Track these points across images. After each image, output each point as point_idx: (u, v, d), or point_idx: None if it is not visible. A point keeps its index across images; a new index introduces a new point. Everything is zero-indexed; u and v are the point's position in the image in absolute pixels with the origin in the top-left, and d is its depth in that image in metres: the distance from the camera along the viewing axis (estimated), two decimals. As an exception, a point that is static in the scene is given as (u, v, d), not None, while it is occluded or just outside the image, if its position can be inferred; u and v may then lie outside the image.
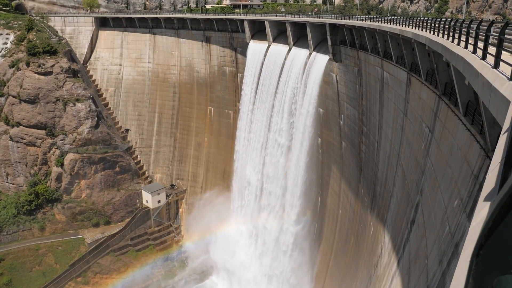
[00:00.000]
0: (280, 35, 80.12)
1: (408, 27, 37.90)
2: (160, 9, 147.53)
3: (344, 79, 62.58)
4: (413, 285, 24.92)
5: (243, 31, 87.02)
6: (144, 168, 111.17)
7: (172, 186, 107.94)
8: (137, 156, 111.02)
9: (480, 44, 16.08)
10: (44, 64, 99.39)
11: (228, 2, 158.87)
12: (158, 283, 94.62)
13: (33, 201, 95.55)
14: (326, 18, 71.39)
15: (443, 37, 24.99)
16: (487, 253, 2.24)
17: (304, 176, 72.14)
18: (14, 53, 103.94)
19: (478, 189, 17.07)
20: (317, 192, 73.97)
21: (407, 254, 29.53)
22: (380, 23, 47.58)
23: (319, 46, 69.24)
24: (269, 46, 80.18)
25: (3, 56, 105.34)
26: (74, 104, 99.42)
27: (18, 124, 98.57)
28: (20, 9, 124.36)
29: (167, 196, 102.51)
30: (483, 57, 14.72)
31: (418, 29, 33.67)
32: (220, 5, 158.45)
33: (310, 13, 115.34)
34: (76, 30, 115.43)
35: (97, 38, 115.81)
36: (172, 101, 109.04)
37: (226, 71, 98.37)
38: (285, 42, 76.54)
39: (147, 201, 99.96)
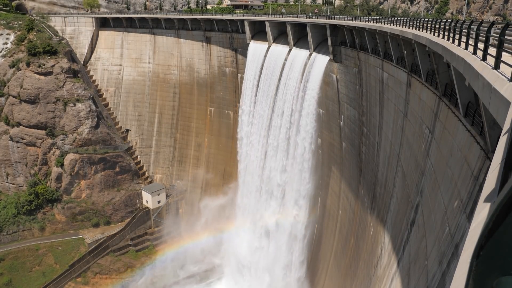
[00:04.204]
0: (280, 35, 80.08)
1: (409, 28, 37.89)
2: (161, 9, 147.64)
3: (345, 80, 62.56)
4: (413, 286, 24.91)
5: (244, 32, 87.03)
6: (144, 168, 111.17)
7: (172, 186, 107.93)
8: (137, 156, 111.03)
9: (481, 45, 16.06)
10: (44, 64, 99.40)
11: (229, 3, 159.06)
12: (158, 283, 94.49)
13: (33, 201, 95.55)
14: (326, 19, 71.40)
15: (443, 38, 24.99)
16: (487, 254, 2.24)
17: (304, 176, 72.11)
18: (14, 53, 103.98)
19: (478, 190, 17.06)
20: (317, 192, 73.88)
21: (407, 255, 29.51)
22: (380, 24, 47.55)
23: (320, 47, 69.21)
24: (269, 46, 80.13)
25: (4, 56, 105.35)
26: (74, 104, 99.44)
27: (18, 124, 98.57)
28: (20, 9, 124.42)
29: (167, 196, 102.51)
30: (484, 58, 14.71)
31: (419, 30, 33.66)
32: (220, 6, 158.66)
33: (310, 14, 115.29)
34: (77, 30, 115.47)
35: (97, 38, 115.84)
36: (172, 101, 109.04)
37: (226, 72, 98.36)
38: (286, 42, 76.50)
39: (147, 202, 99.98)
